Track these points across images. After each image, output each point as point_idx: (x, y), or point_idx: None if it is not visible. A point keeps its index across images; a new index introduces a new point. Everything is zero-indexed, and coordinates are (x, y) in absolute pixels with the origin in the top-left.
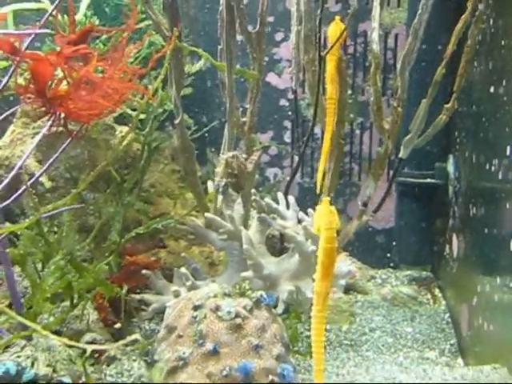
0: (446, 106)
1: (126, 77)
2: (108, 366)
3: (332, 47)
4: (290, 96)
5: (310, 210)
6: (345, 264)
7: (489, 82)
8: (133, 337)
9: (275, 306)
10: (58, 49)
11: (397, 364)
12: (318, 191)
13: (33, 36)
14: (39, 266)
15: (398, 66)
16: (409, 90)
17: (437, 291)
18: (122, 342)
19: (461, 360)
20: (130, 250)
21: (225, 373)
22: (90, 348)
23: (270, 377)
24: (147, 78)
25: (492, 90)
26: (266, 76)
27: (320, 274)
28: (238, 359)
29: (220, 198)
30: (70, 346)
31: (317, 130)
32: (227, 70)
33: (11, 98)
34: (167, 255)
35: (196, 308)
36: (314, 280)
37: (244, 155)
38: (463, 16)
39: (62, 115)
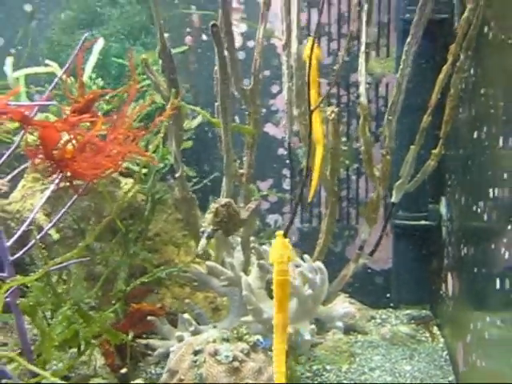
0: (434, 151)
1: (129, 139)
2: None
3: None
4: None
5: (305, 256)
6: (342, 306)
7: (472, 127)
8: (136, 381)
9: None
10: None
11: None
12: (309, 200)
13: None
14: (48, 314)
15: (385, 116)
16: (399, 137)
17: (435, 329)
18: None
19: None
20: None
21: None
22: None
23: None
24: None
25: (475, 135)
26: (264, 126)
27: (276, 307)
28: None
29: (204, 242)
30: None
31: None
32: (223, 126)
33: (21, 153)
34: (172, 301)
35: (196, 353)
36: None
37: (242, 204)
38: (444, 67)
39: (68, 174)
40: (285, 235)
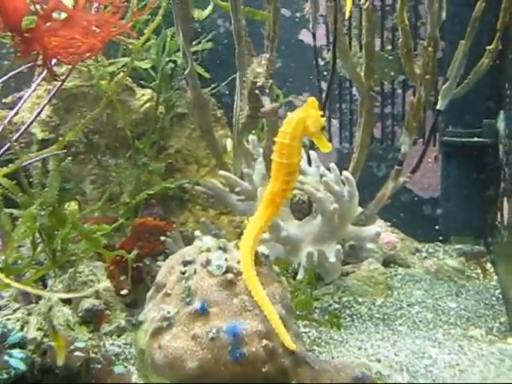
0: (489, 47)
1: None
2: (118, 336)
3: None
4: (325, 55)
5: (332, 164)
6: (374, 226)
7: None
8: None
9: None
10: None
11: (431, 340)
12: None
13: None
14: None
15: None
16: (447, 31)
17: (488, 266)
18: (84, 293)
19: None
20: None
21: (211, 335)
22: (54, 296)
23: (264, 341)
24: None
25: None
26: (298, 33)
27: (272, 173)
28: (228, 320)
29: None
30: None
31: (354, 90)
32: (231, 8)
33: None
34: (195, 224)
35: (186, 263)
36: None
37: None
38: None
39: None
40: (310, 147)
